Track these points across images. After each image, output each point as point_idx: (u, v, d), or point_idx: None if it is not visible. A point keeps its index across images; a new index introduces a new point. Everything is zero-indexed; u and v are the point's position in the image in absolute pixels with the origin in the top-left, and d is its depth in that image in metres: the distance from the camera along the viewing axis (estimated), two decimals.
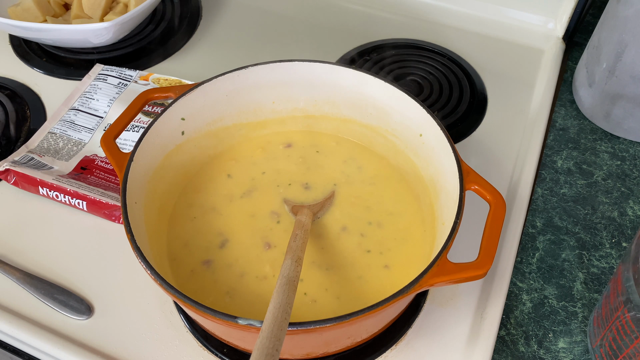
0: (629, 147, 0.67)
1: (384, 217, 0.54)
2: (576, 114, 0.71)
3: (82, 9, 0.75)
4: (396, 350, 0.50)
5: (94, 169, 0.62)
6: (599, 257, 0.58)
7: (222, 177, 0.57)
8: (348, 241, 0.52)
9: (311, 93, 0.59)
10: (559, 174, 0.65)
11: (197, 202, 0.55)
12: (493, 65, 0.75)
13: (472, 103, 0.71)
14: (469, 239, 0.48)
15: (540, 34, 0.78)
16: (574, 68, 0.76)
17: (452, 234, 0.43)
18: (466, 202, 0.45)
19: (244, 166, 0.58)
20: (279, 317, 0.37)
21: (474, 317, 0.52)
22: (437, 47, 0.77)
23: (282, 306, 0.38)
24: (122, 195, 0.45)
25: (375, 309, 0.39)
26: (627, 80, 0.63)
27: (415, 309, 0.52)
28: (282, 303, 0.39)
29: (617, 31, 0.63)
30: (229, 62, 0.66)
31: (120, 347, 0.50)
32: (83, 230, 0.58)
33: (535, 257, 0.58)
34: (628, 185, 0.64)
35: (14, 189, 0.60)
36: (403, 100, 0.53)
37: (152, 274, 0.41)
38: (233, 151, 0.59)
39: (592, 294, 0.55)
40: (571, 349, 0.51)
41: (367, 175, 0.57)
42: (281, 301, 0.39)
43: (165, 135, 0.53)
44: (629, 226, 0.60)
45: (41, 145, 0.64)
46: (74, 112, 0.67)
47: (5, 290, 0.53)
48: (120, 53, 0.76)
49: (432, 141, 0.52)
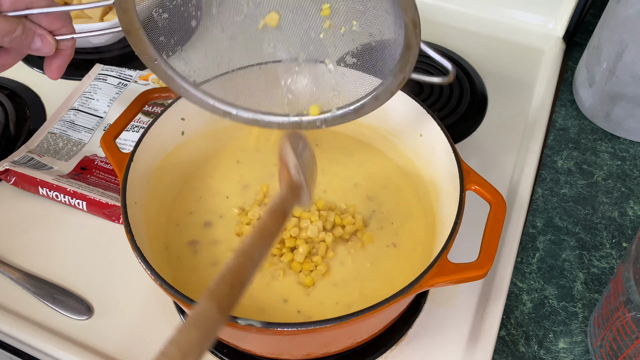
0: (629, 147, 0.67)
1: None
2: (576, 114, 0.71)
3: None
4: (396, 350, 0.50)
5: (94, 169, 0.62)
6: (599, 257, 0.58)
7: (222, 177, 0.57)
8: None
9: (311, 93, 0.58)
10: (559, 174, 0.65)
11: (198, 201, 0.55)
12: (493, 65, 0.75)
13: (472, 103, 0.71)
14: (469, 239, 0.48)
15: (540, 34, 0.78)
16: (574, 68, 0.76)
17: (453, 234, 0.43)
18: (466, 202, 0.45)
19: (244, 166, 0.58)
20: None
21: (474, 317, 0.52)
22: (437, 47, 0.77)
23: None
24: (122, 195, 0.45)
25: (375, 309, 0.39)
26: (628, 80, 0.63)
27: (416, 309, 0.52)
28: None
29: (617, 31, 0.62)
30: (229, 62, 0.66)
31: (120, 347, 0.50)
32: (83, 230, 0.58)
33: (536, 257, 0.58)
34: (628, 185, 0.63)
35: (14, 189, 0.60)
36: (403, 100, 0.53)
37: (152, 274, 0.41)
38: (233, 151, 0.59)
39: (593, 294, 0.55)
40: (571, 349, 0.51)
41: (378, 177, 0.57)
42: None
43: (165, 135, 0.53)
44: (629, 226, 0.60)
45: (41, 146, 0.64)
46: (73, 112, 0.67)
47: (5, 290, 0.53)
48: (120, 53, 0.76)
49: (432, 141, 0.52)
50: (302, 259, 0.50)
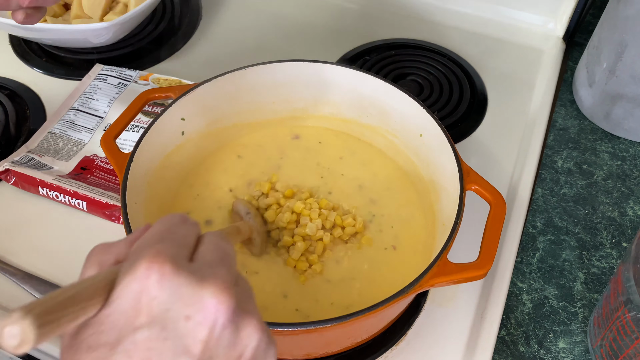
0: (629, 147, 0.67)
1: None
2: (576, 114, 0.71)
3: (82, 9, 0.75)
4: (396, 350, 0.50)
5: (94, 169, 0.62)
6: (599, 257, 0.58)
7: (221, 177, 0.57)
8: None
9: (311, 93, 0.59)
10: (559, 174, 0.65)
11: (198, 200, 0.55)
12: (493, 65, 0.75)
13: (472, 103, 0.71)
14: (469, 239, 0.48)
15: (540, 34, 0.78)
16: (574, 68, 0.76)
17: (452, 234, 0.43)
18: (466, 202, 0.45)
19: (244, 166, 0.58)
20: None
21: (474, 317, 0.52)
22: (437, 47, 0.77)
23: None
24: (122, 195, 0.45)
25: (375, 309, 0.39)
26: (628, 80, 0.63)
27: (416, 309, 0.52)
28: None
29: (617, 31, 0.62)
30: (229, 62, 0.66)
31: None
32: (83, 230, 0.58)
33: (536, 257, 0.58)
34: (628, 185, 0.63)
35: (14, 189, 0.60)
36: (403, 100, 0.53)
37: None
38: (233, 147, 0.59)
39: (593, 294, 0.55)
40: (571, 349, 0.51)
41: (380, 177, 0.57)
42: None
43: (165, 135, 0.53)
44: (629, 226, 0.60)
45: (41, 146, 0.64)
46: (73, 112, 0.67)
47: (5, 290, 0.53)
48: (120, 53, 0.76)
49: (432, 141, 0.52)
50: (298, 256, 0.50)
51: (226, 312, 0.26)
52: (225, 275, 0.27)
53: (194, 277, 0.26)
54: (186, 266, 0.27)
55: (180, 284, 0.26)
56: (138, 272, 0.26)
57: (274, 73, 0.57)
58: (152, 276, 0.26)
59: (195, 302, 0.26)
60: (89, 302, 0.26)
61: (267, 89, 0.58)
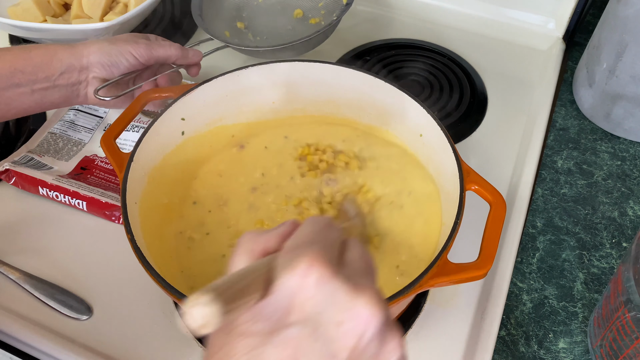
0: (629, 147, 0.67)
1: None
2: (576, 114, 0.71)
3: (82, 9, 0.75)
4: None
5: (94, 169, 0.62)
6: (599, 257, 0.58)
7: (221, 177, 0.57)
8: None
9: (311, 93, 0.59)
10: (559, 174, 0.65)
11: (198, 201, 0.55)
12: (493, 65, 0.75)
13: (472, 103, 0.71)
14: (469, 239, 0.48)
15: (540, 34, 0.78)
16: (574, 68, 0.76)
17: (452, 234, 0.43)
18: (466, 202, 0.45)
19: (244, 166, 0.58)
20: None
21: (474, 317, 0.52)
22: (437, 47, 0.77)
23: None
24: (122, 195, 0.45)
25: None
26: (628, 80, 0.63)
27: (416, 309, 0.52)
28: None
29: (617, 31, 0.62)
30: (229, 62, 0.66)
31: (120, 347, 0.50)
32: (83, 230, 0.58)
33: (536, 257, 0.58)
34: (628, 185, 0.63)
35: (14, 189, 0.60)
36: (403, 100, 0.53)
37: (152, 274, 0.41)
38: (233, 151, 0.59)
39: (593, 294, 0.55)
40: (571, 349, 0.51)
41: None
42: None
43: (165, 135, 0.53)
44: (629, 226, 0.60)
45: (41, 146, 0.64)
46: (74, 112, 0.67)
47: (5, 290, 0.53)
48: None
49: (432, 141, 0.52)
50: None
51: (377, 324, 0.26)
52: (376, 287, 0.28)
53: (349, 284, 0.27)
54: (341, 271, 0.27)
55: (336, 289, 0.26)
56: (298, 270, 0.26)
57: (274, 73, 0.57)
58: (312, 276, 0.26)
59: (348, 309, 0.26)
60: (255, 294, 0.26)
61: (267, 89, 0.58)
